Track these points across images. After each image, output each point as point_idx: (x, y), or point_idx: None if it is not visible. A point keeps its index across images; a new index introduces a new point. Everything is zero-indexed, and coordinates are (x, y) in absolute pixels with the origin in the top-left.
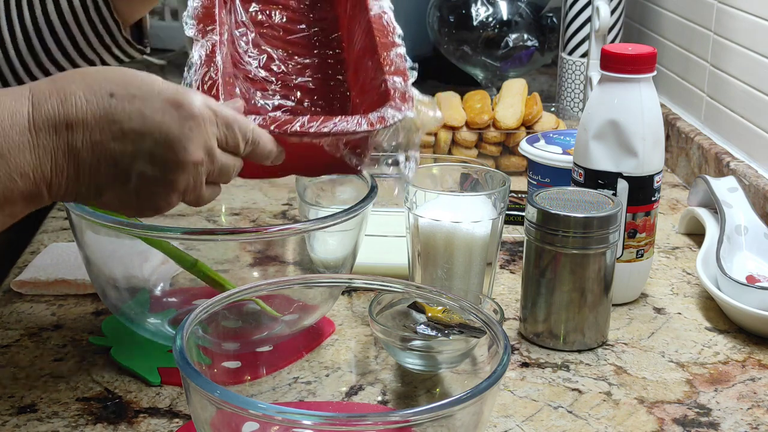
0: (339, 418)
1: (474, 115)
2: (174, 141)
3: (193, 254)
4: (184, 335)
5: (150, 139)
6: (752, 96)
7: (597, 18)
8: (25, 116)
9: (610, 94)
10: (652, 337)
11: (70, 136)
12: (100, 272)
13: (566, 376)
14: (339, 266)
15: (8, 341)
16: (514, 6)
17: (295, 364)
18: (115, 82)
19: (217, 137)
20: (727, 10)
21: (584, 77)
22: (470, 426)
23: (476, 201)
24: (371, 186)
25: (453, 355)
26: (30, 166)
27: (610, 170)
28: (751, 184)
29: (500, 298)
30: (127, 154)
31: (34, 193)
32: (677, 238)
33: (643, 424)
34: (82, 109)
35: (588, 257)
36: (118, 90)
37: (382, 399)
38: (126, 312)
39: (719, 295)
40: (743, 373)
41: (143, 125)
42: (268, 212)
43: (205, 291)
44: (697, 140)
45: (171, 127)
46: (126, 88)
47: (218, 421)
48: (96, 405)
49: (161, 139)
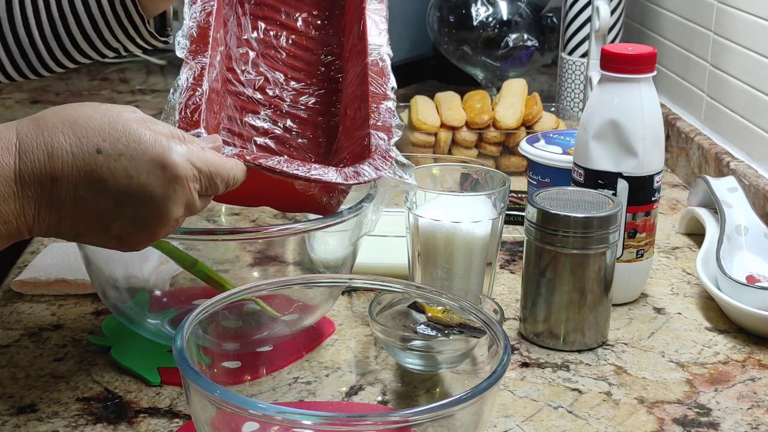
0: (339, 418)
1: (474, 115)
2: (158, 203)
3: (193, 254)
4: (184, 335)
5: (134, 199)
6: (752, 96)
7: (597, 18)
8: (11, 168)
9: (610, 94)
10: (652, 337)
11: (55, 189)
12: (100, 272)
13: (566, 376)
14: (339, 266)
15: (8, 341)
16: (514, 6)
17: (295, 364)
18: (103, 137)
19: (198, 191)
20: (727, 10)
21: (584, 77)
22: (470, 426)
23: (476, 201)
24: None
25: (453, 355)
26: (13, 214)
27: (610, 170)
28: (751, 184)
29: (500, 298)
30: (110, 210)
31: (14, 234)
32: (677, 238)
33: (643, 424)
34: (68, 165)
35: (588, 257)
36: (105, 146)
37: (382, 399)
38: (126, 312)
39: (719, 295)
40: (743, 373)
41: (128, 186)
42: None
43: (205, 291)
44: (697, 140)
45: (155, 190)
46: (113, 145)
47: (218, 421)
48: (96, 405)
49: (145, 200)
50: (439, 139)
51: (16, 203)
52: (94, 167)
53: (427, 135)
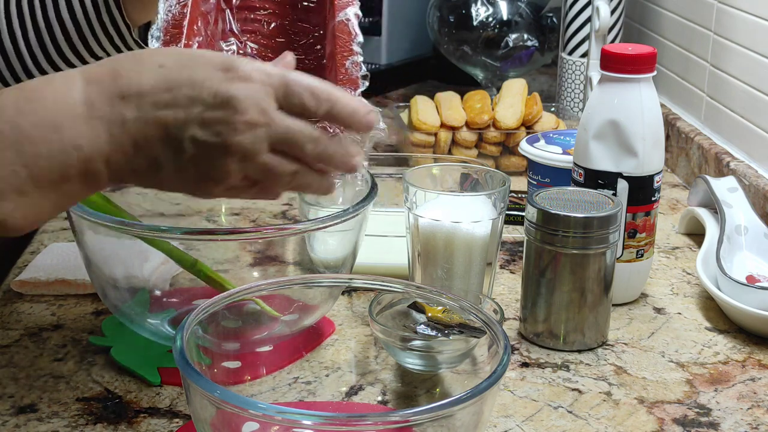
0: (339, 418)
1: (474, 115)
2: (224, 102)
3: (193, 254)
4: (184, 335)
5: (200, 103)
6: (752, 96)
7: (597, 18)
8: (78, 90)
9: (610, 94)
10: (652, 337)
11: (124, 107)
12: (100, 272)
13: (566, 376)
14: (339, 266)
15: (8, 341)
16: (514, 6)
17: (295, 364)
18: (164, 55)
19: (275, 98)
20: (727, 10)
21: (584, 77)
22: (470, 426)
23: (476, 201)
24: (371, 186)
25: (453, 355)
26: (85, 138)
27: (610, 170)
28: (751, 184)
29: (500, 298)
30: (180, 120)
31: (91, 170)
32: (677, 238)
33: (643, 424)
34: (135, 81)
35: (588, 257)
36: (168, 61)
37: (382, 399)
38: (126, 312)
39: (719, 295)
40: (743, 373)
41: (193, 90)
42: (268, 212)
43: (205, 291)
44: (697, 140)
45: (220, 88)
46: (175, 59)
47: (218, 421)
48: (96, 405)
49: (211, 102)
50: (439, 139)
51: (86, 125)
52: (160, 79)
53: (427, 135)
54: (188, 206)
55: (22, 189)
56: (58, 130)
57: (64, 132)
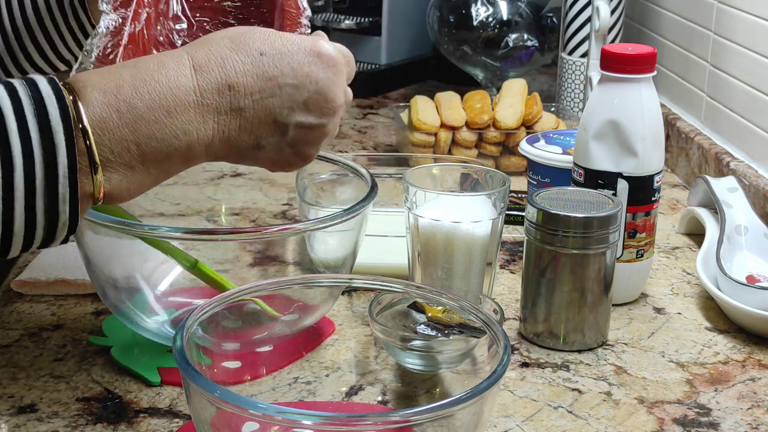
0: (339, 418)
1: (474, 115)
2: (324, 88)
3: (193, 254)
4: (184, 335)
5: (303, 90)
6: (752, 96)
7: (597, 18)
8: (189, 78)
9: (610, 94)
10: (652, 337)
11: (233, 96)
12: (99, 272)
13: (566, 376)
14: (339, 266)
15: (8, 341)
16: (514, 6)
17: (295, 364)
18: (261, 42)
19: (348, 76)
20: (727, 10)
21: (584, 77)
22: (470, 426)
23: (476, 201)
24: (371, 186)
25: (453, 355)
26: (194, 124)
27: (610, 170)
28: (751, 184)
29: (500, 298)
30: (285, 107)
31: (193, 152)
32: (677, 238)
33: (643, 424)
34: (241, 71)
35: (588, 257)
36: (266, 49)
37: (382, 399)
38: (126, 312)
39: (719, 295)
40: (743, 373)
41: (295, 78)
42: (268, 212)
43: (205, 291)
44: (697, 140)
45: (319, 76)
46: (272, 46)
47: (218, 421)
48: (96, 405)
49: (313, 89)
50: (439, 139)
51: (196, 111)
52: (263, 68)
53: (427, 135)
54: (188, 206)
55: (131, 164)
56: (170, 115)
57: (176, 117)
